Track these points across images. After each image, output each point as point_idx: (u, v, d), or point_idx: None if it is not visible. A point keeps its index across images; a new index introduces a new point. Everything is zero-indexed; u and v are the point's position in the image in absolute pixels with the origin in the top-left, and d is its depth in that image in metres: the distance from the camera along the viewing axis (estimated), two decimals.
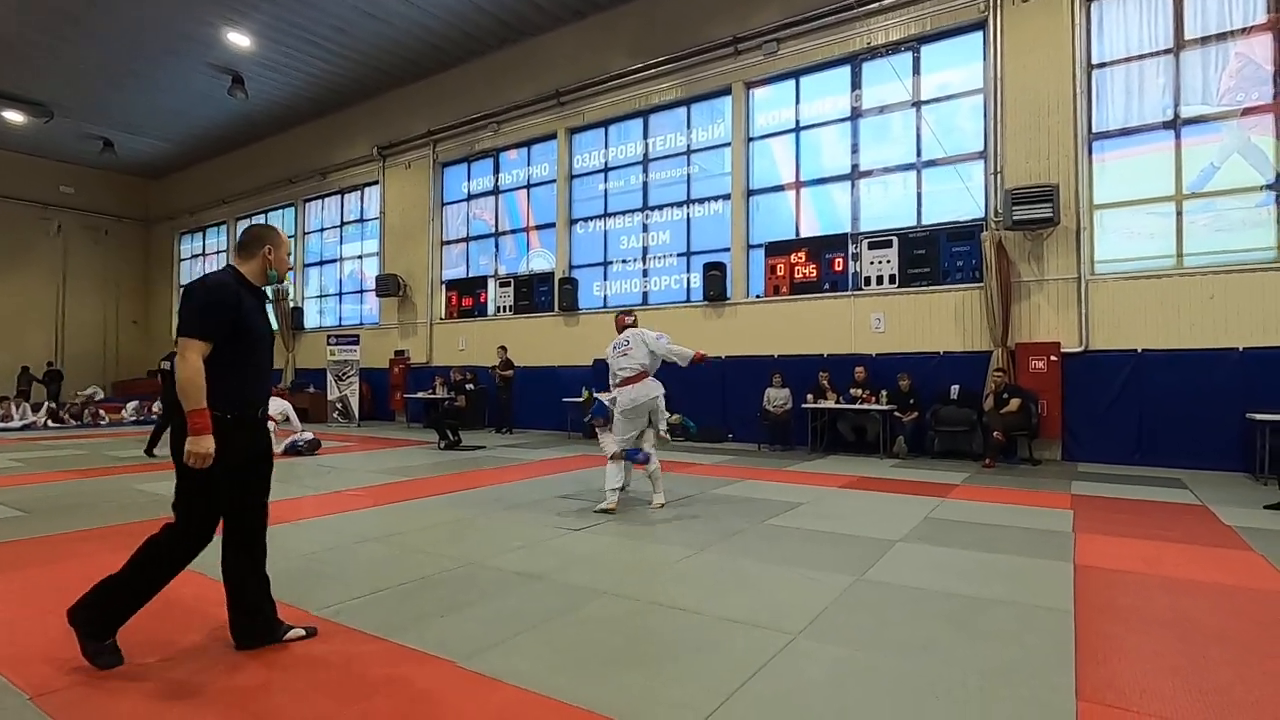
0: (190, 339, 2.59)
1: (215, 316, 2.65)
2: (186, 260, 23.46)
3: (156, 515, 5.48)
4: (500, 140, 14.78)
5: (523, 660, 2.71)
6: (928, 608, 3.36)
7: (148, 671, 2.62)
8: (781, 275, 11.22)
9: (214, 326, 2.63)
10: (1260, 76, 8.22)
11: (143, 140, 19.98)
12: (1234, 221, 8.31)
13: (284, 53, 14.68)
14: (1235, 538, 4.85)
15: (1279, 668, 2.69)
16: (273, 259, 2.87)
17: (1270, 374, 7.71)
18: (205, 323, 2.62)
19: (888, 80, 10.49)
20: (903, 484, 7.16)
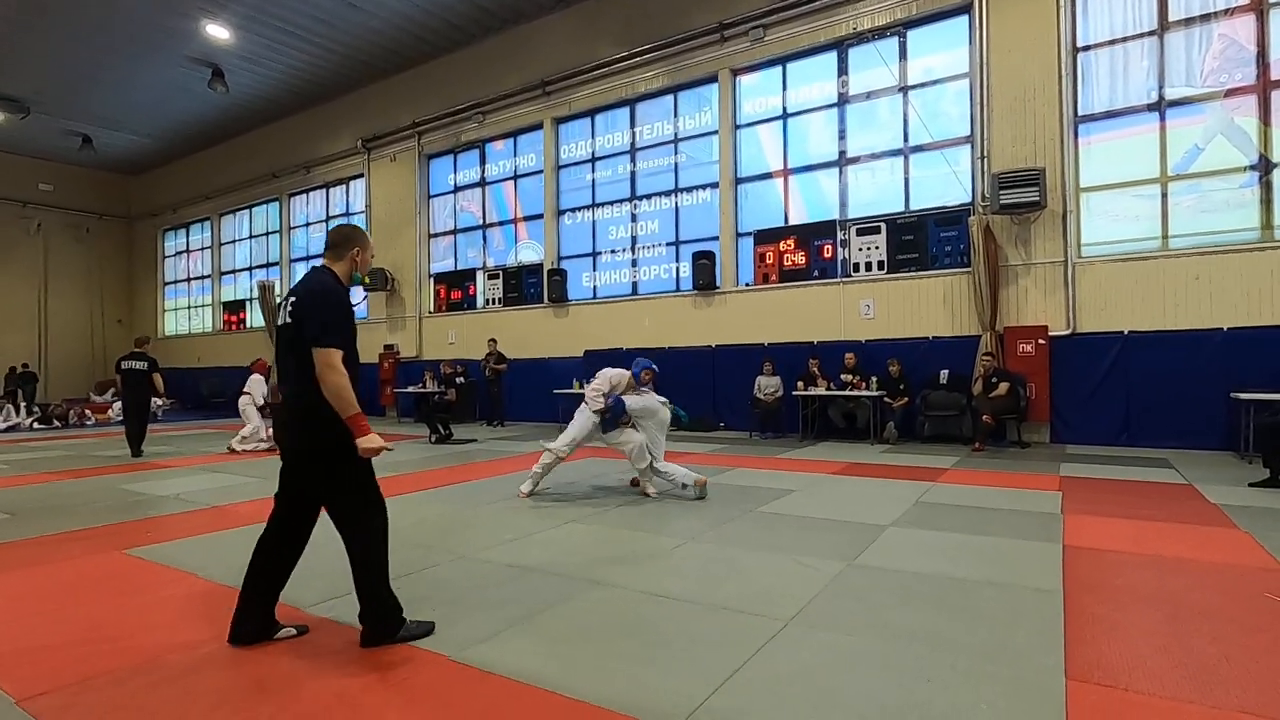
0: (335, 349, 2.67)
1: (350, 325, 2.79)
2: (171, 257, 23.20)
3: (144, 515, 5.44)
4: (486, 131, 14.65)
5: (515, 652, 2.71)
6: (918, 591, 3.38)
7: (134, 673, 2.59)
8: (770, 263, 11.21)
9: (349, 335, 2.78)
10: (1243, 57, 8.25)
11: (122, 136, 19.69)
12: (1218, 202, 8.36)
13: (264, 45, 14.46)
14: (1221, 516, 4.90)
15: (1264, 643, 2.72)
16: (359, 260, 2.95)
17: (1254, 353, 7.78)
18: (344, 334, 2.74)
19: (874, 66, 10.46)
20: (893, 469, 7.20)
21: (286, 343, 2.77)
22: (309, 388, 2.65)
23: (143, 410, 9.79)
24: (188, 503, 5.95)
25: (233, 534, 4.79)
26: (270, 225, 19.68)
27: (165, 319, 23.26)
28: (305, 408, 2.69)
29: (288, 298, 2.81)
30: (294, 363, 2.71)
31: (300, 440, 2.78)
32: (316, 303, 2.72)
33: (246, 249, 20.53)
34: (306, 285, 2.80)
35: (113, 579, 3.79)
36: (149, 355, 9.74)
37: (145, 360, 9.61)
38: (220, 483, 7.01)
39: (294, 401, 2.75)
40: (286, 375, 2.79)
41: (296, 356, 2.70)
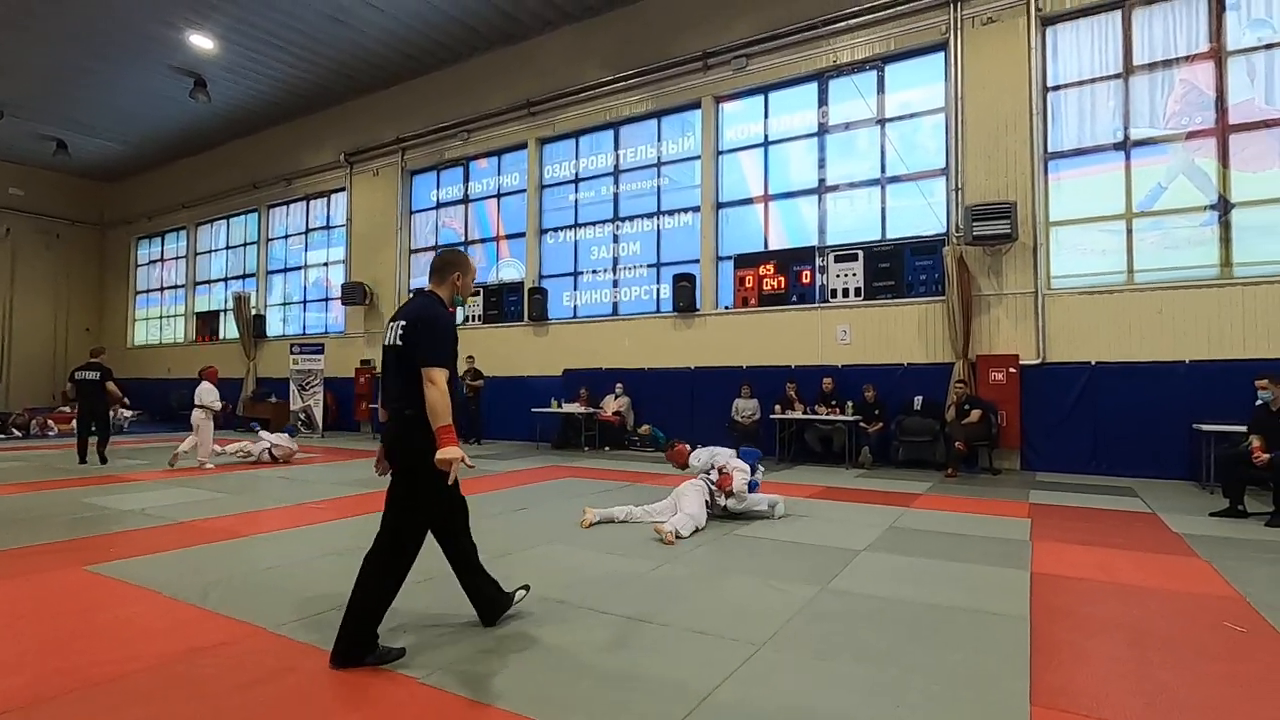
0: (441, 369, 2.87)
1: (454, 348, 3.03)
2: (144, 266, 22.79)
3: (107, 530, 5.31)
4: (470, 149, 14.71)
5: (486, 674, 2.68)
6: (890, 616, 3.42)
7: (94, 693, 2.53)
8: (750, 287, 11.35)
9: (452, 356, 2.99)
10: (1203, 102, 8.61)
11: (99, 142, 19.41)
12: (1180, 240, 8.67)
13: (249, 56, 14.43)
14: (1182, 545, 5.03)
15: (1221, 670, 2.80)
16: (460, 285, 3.14)
17: (1215, 386, 8.03)
18: (450, 355, 2.97)
19: (853, 98, 10.73)
20: (867, 494, 7.27)
21: (395, 361, 2.97)
22: (419, 404, 2.83)
23: (101, 420, 9.79)
24: (153, 518, 5.81)
25: (199, 551, 4.69)
26: (248, 236, 19.46)
27: (135, 328, 22.79)
28: (414, 419, 2.86)
29: (397, 320, 3.00)
30: (403, 381, 2.91)
31: (413, 446, 2.89)
32: (426, 328, 2.92)
33: (223, 259, 20.26)
34: (416, 311, 2.99)
35: (73, 596, 3.69)
36: (103, 365, 9.77)
37: (98, 370, 9.64)
38: (188, 497, 6.86)
39: (403, 415, 2.92)
40: (394, 392, 2.97)
41: (405, 375, 2.89)
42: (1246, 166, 8.36)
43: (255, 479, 8.28)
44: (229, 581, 3.95)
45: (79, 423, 9.91)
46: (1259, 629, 3.28)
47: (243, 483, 7.95)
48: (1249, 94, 8.39)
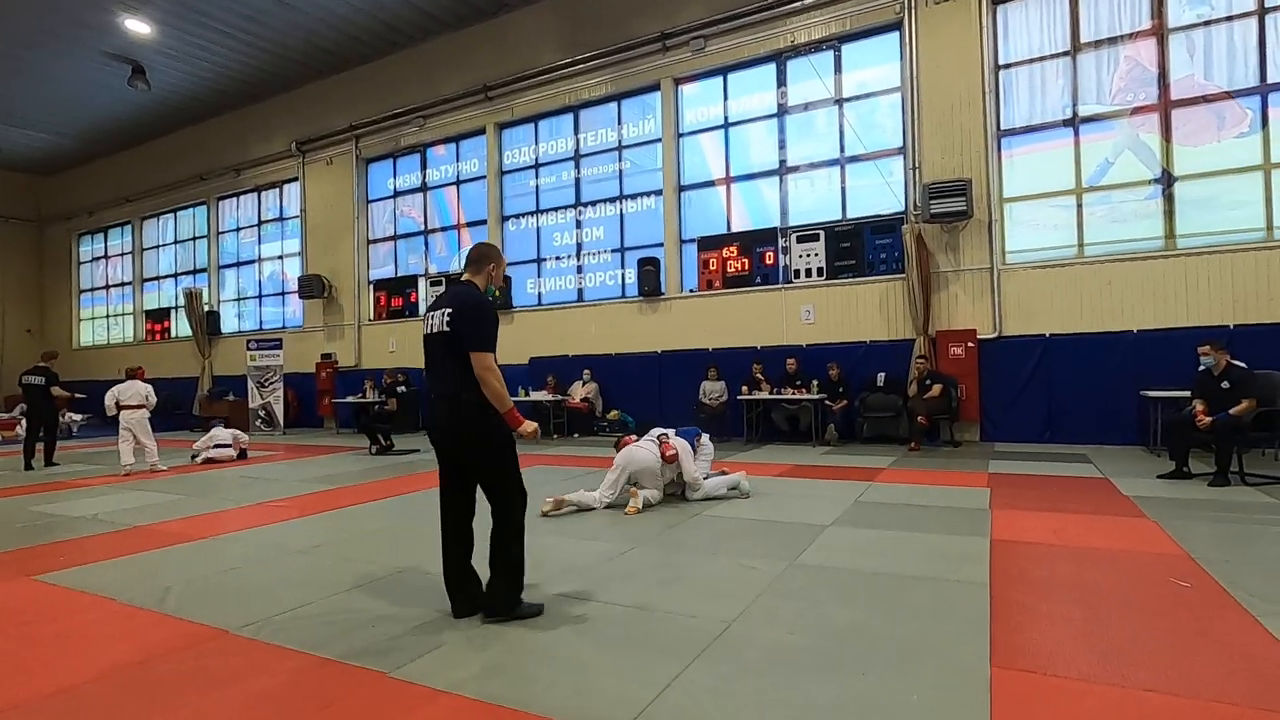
0: (491, 353, 3.11)
1: (497, 332, 3.22)
2: (87, 263, 21.86)
3: (59, 538, 5.12)
4: (426, 135, 14.39)
5: (456, 666, 2.66)
6: (856, 588, 3.49)
7: (46, 705, 2.44)
8: (714, 269, 11.38)
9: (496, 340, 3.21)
10: (1147, 78, 8.86)
11: (32, 134, 18.49)
12: (1127, 213, 8.94)
13: (189, 42, 13.84)
14: (1132, 507, 5.23)
15: (1168, 625, 2.92)
16: (494, 274, 3.36)
17: (1160, 353, 8.34)
18: (496, 338, 3.17)
19: (812, 78, 10.77)
20: (833, 470, 7.40)
21: (444, 348, 3.12)
22: (473, 385, 3.05)
23: (49, 425, 9.68)
24: (106, 523, 5.61)
25: (156, 555, 4.55)
26: (197, 230, 18.79)
27: (81, 328, 21.89)
28: (468, 403, 3.07)
29: (440, 309, 3.16)
30: (452, 365, 3.09)
31: (467, 427, 3.10)
32: (474, 315, 3.11)
33: (171, 254, 19.54)
34: (461, 299, 3.15)
35: (19, 608, 3.55)
36: (50, 370, 9.63)
37: (44, 375, 9.51)
38: (142, 501, 6.64)
39: (456, 398, 3.09)
40: (444, 376, 3.14)
41: (455, 360, 3.08)
42: (1187, 141, 8.65)
43: (214, 480, 8.06)
44: (188, 585, 3.84)
45: (27, 428, 9.77)
46: (1203, 583, 3.43)
47: (201, 484, 7.74)
48: (1189, 70, 8.66)
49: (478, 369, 3.03)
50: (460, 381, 3.07)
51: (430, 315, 3.21)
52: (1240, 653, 2.62)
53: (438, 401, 3.17)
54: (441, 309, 3.15)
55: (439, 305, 3.19)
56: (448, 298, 3.21)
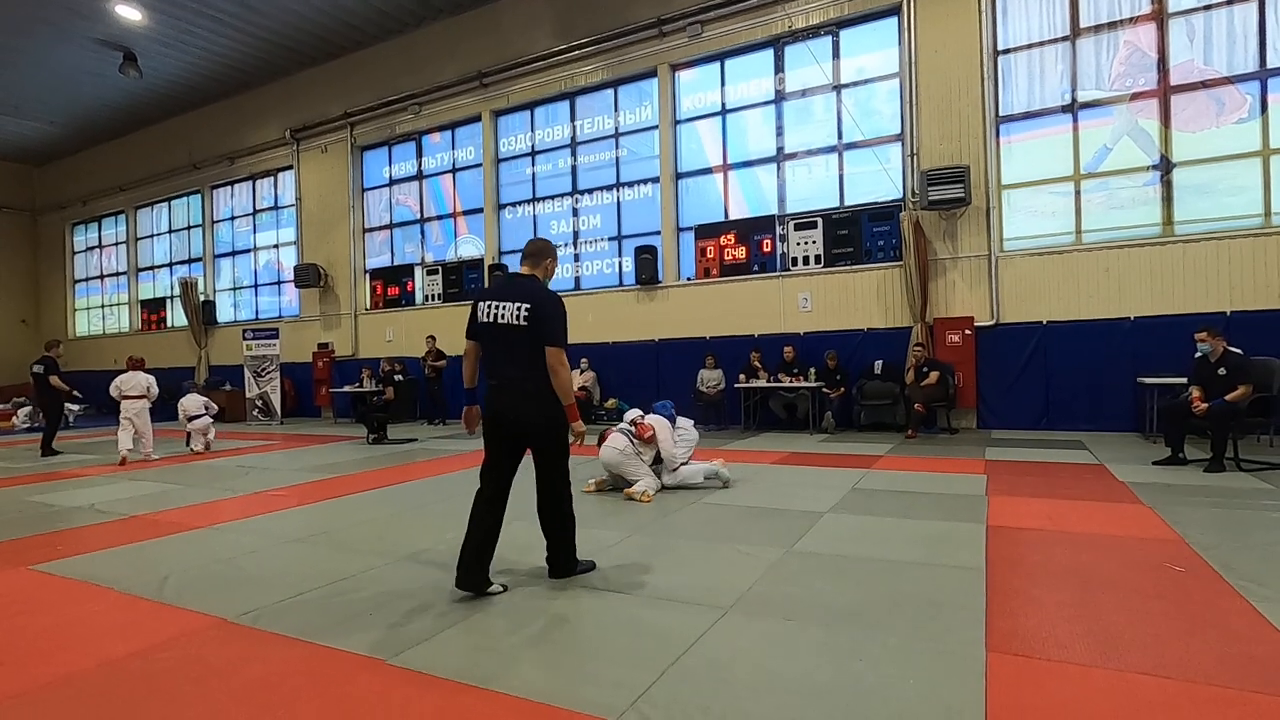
0: (564, 348, 3.35)
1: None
2: (81, 253, 21.73)
3: (54, 528, 5.12)
4: (422, 123, 14.28)
5: (454, 652, 2.67)
6: (853, 574, 3.50)
7: (42, 695, 2.44)
8: (711, 257, 11.35)
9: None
10: (1146, 63, 8.81)
11: (24, 123, 18.30)
12: (1125, 199, 8.92)
13: (182, 28, 13.68)
14: (1128, 493, 5.25)
15: (1162, 609, 2.94)
16: (549, 268, 3.59)
17: (1157, 340, 8.35)
18: (567, 334, 3.42)
19: (809, 64, 10.69)
20: (831, 457, 7.42)
21: (517, 338, 3.33)
22: (544, 374, 3.31)
23: (47, 413, 9.98)
24: (103, 513, 5.62)
25: (154, 544, 4.56)
26: (192, 219, 18.67)
27: (76, 319, 21.81)
28: (538, 390, 3.33)
29: (512, 301, 3.34)
30: (526, 354, 3.33)
31: (535, 412, 3.35)
32: (551, 311, 3.34)
33: (166, 244, 19.43)
34: (537, 295, 3.37)
35: (17, 597, 3.55)
36: (48, 357, 9.78)
37: (43, 363, 9.70)
38: (139, 491, 6.64)
39: (526, 385, 3.34)
40: (515, 363, 3.35)
41: (528, 350, 3.32)
42: (1186, 126, 8.61)
43: (213, 469, 8.06)
44: (186, 574, 3.85)
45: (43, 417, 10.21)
46: (1197, 568, 3.45)
47: (198, 474, 7.74)
48: (1189, 55, 8.60)
49: (552, 362, 3.29)
50: (533, 369, 3.32)
51: (497, 305, 3.37)
52: (1234, 637, 2.63)
53: (505, 386, 3.37)
54: (514, 301, 3.34)
55: (508, 296, 3.37)
56: (518, 291, 3.40)
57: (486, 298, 3.46)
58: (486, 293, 3.51)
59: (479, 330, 3.48)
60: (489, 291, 3.51)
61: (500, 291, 3.46)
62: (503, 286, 3.55)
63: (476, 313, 3.49)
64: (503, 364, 3.40)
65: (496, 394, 3.41)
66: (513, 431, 3.40)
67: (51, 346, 10.04)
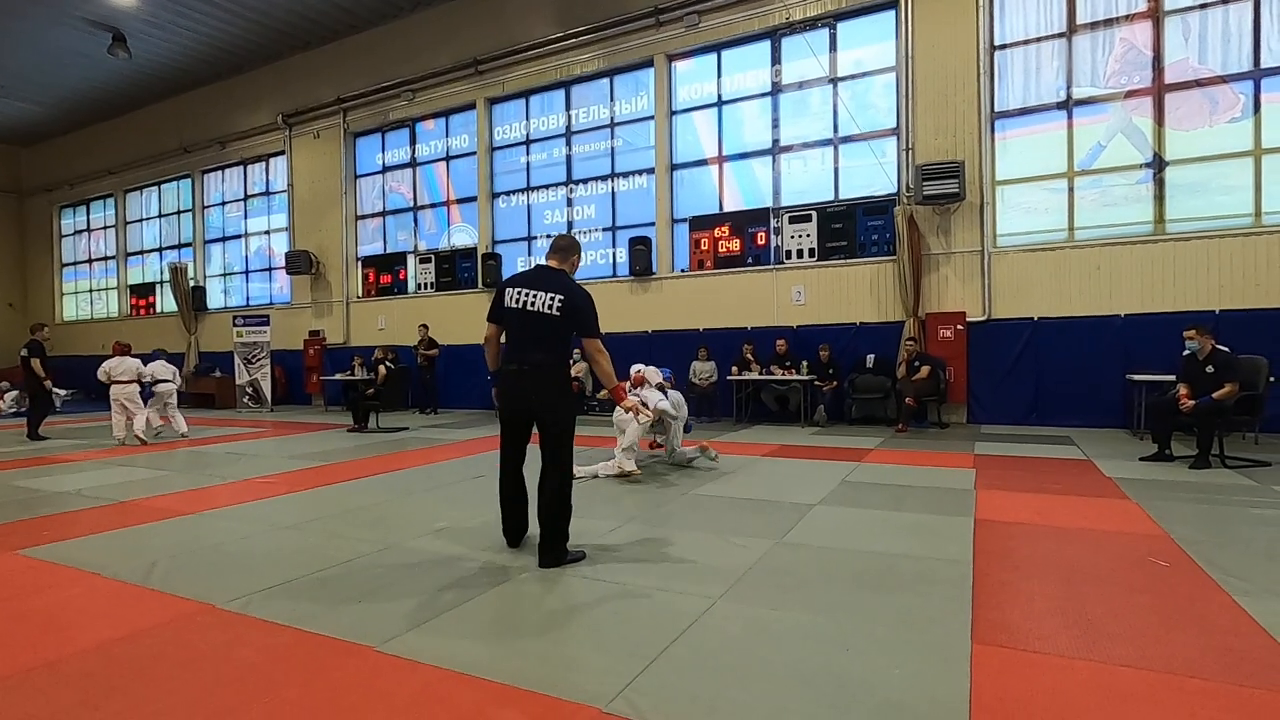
0: (601, 338, 3.67)
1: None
2: (69, 236, 21.48)
3: (44, 512, 5.08)
4: (416, 110, 14.17)
5: (443, 640, 2.67)
6: (841, 566, 3.52)
7: (27, 679, 2.43)
8: (706, 249, 11.34)
9: None
10: (1141, 61, 8.82)
11: (9, 103, 18.03)
12: (1118, 197, 8.96)
13: (171, 9, 13.49)
14: (1114, 488, 5.30)
15: (1146, 603, 2.97)
16: (575, 263, 3.85)
17: (1147, 338, 8.41)
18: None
19: (806, 56, 10.65)
20: (822, 450, 7.45)
21: (547, 325, 3.55)
22: (561, 359, 3.69)
23: (31, 398, 9.90)
24: (91, 498, 5.58)
25: (142, 530, 4.53)
26: (182, 203, 18.48)
27: (64, 303, 21.59)
28: (555, 373, 3.65)
29: (544, 291, 3.55)
30: (550, 341, 3.59)
31: (549, 393, 3.60)
32: (585, 304, 3.59)
33: (155, 228, 19.23)
34: (569, 288, 3.59)
35: (6, 581, 3.53)
36: (35, 341, 9.69)
37: (28, 347, 9.63)
38: (128, 476, 6.60)
39: (548, 370, 3.60)
40: (538, 348, 3.58)
41: (554, 338, 3.60)
42: (1180, 125, 8.64)
43: (202, 456, 8.01)
44: (174, 559, 3.83)
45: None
46: (1181, 563, 3.49)
47: (187, 460, 7.70)
48: (1184, 54, 8.63)
49: (593, 351, 3.62)
50: (555, 356, 3.62)
51: (529, 292, 3.57)
52: (1216, 630, 2.67)
53: (525, 369, 3.57)
54: (547, 291, 3.55)
55: (540, 286, 3.58)
56: (551, 282, 3.60)
57: (516, 284, 3.62)
58: (516, 280, 3.69)
59: (504, 314, 3.66)
60: (519, 279, 3.67)
61: (532, 280, 3.63)
62: (534, 276, 3.69)
63: (504, 297, 3.65)
64: (529, 349, 3.59)
65: (517, 378, 3.61)
66: (525, 408, 3.64)
67: (37, 329, 9.92)
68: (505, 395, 3.69)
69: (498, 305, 3.69)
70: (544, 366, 3.58)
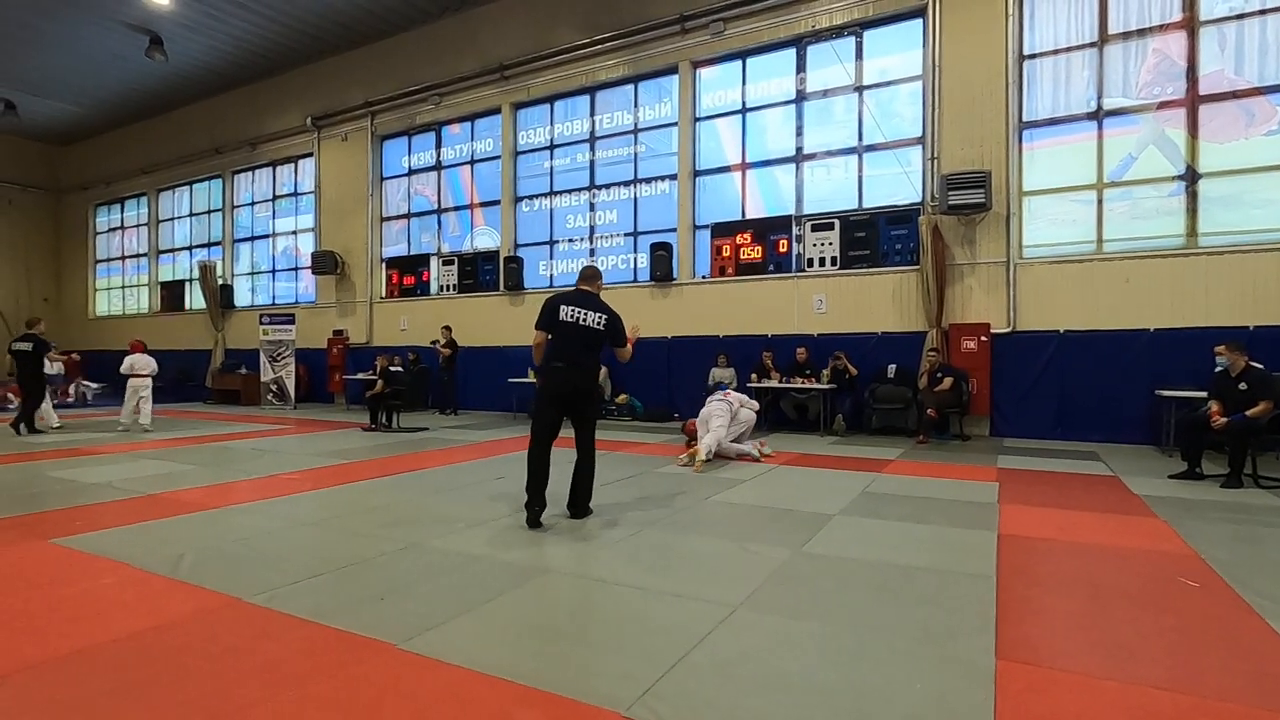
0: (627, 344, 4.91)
1: None
2: (103, 234, 21.99)
3: (73, 503, 5.20)
4: (442, 114, 14.33)
5: (463, 640, 2.70)
6: (861, 577, 3.49)
7: (59, 667, 2.49)
8: (727, 256, 11.32)
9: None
10: (1174, 72, 8.68)
11: (50, 103, 18.54)
12: (1148, 210, 8.80)
13: (207, 13, 13.80)
14: (1142, 505, 5.20)
15: (1174, 623, 2.91)
16: (599, 286, 4.92)
17: (1177, 353, 8.24)
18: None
19: (831, 64, 10.62)
20: (841, 460, 7.39)
21: (594, 337, 4.61)
22: (599, 364, 4.94)
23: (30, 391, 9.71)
24: (121, 490, 5.70)
25: (170, 523, 4.63)
26: (212, 203, 18.85)
27: (97, 299, 22.10)
28: (595, 373, 4.88)
29: (592, 310, 4.61)
30: (597, 348, 4.70)
31: (590, 386, 4.76)
32: (620, 322, 4.76)
33: (186, 227, 19.63)
34: (608, 309, 4.71)
35: (37, 570, 3.62)
36: (37, 336, 9.69)
37: (31, 341, 9.60)
38: (157, 470, 6.74)
39: (585, 370, 4.67)
40: (585, 354, 4.64)
41: (597, 347, 4.69)
42: (1214, 137, 8.48)
43: (228, 451, 8.15)
44: (201, 553, 3.90)
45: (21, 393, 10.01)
46: (1211, 583, 3.41)
47: (215, 455, 7.83)
48: (1219, 64, 8.47)
49: (626, 352, 4.90)
50: (595, 359, 4.75)
51: (581, 311, 4.58)
52: (1247, 653, 2.61)
53: (573, 368, 4.57)
54: (596, 311, 4.62)
55: (589, 306, 4.62)
56: (596, 304, 4.67)
57: (569, 303, 4.60)
58: (567, 299, 4.63)
59: (558, 325, 4.57)
60: (569, 299, 4.64)
61: (581, 301, 4.64)
62: (582, 298, 4.68)
63: (558, 313, 4.56)
64: (578, 352, 4.61)
65: (566, 372, 4.59)
66: (570, 397, 4.60)
67: (33, 324, 9.93)
68: (553, 385, 4.56)
69: (551, 317, 4.57)
70: (587, 366, 4.67)
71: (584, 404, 4.66)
